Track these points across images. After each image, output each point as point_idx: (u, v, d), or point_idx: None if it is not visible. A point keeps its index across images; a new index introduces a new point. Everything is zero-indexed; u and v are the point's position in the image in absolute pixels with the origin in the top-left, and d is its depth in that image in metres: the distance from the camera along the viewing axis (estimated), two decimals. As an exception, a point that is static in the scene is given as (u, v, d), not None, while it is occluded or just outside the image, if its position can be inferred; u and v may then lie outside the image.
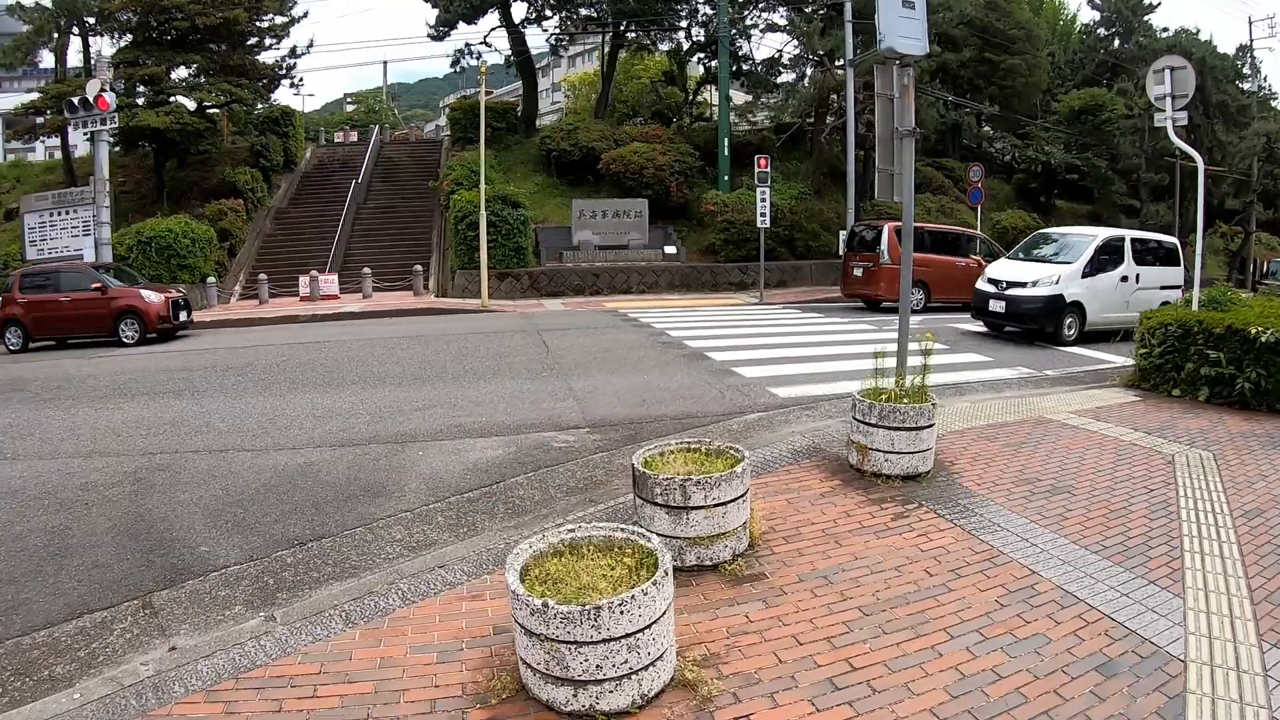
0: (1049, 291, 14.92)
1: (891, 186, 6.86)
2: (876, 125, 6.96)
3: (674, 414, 8.89)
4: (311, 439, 8.25)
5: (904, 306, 7.49)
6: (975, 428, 8.07)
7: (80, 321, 18.65)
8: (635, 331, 16.27)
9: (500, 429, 8.49)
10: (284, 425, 8.84)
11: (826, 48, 28.80)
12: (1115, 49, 46.75)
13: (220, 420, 9.18)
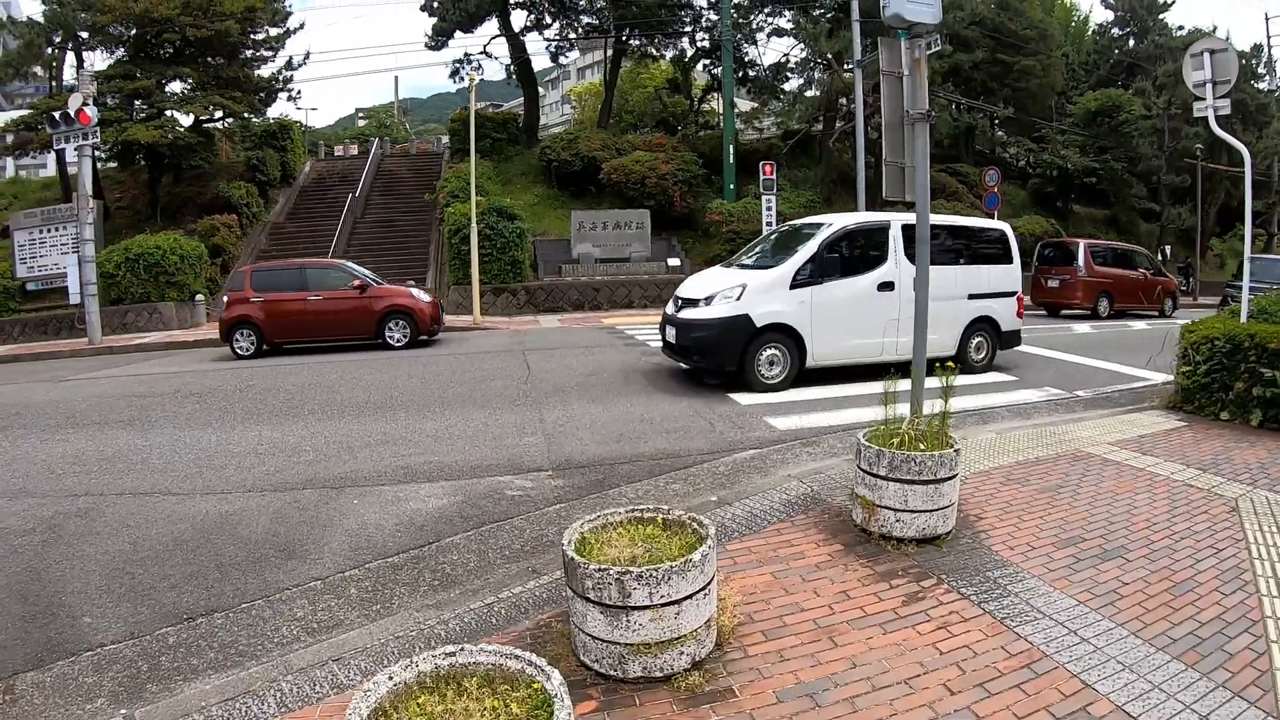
0: (726, 312, 10.42)
1: (902, 182, 5.75)
2: (883, 109, 5.86)
3: (653, 452, 7.75)
4: (244, 481, 7.37)
5: (920, 328, 6.28)
6: (1003, 466, 6.92)
7: (334, 323, 17.34)
8: (627, 351, 15.15)
9: (451, 471, 7.40)
10: (221, 463, 7.98)
11: (834, 49, 27.76)
12: (1130, 49, 45.75)
13: (157, 456, 8.36)
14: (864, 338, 11.08)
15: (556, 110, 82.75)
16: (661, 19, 34.98)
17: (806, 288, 10.64)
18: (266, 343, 17.03)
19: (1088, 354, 14.64)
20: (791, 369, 10.67)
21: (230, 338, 16.90)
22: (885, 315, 11.09)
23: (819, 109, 30.72)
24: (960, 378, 11.08)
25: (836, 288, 10.87)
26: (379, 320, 17.25)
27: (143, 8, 27.60)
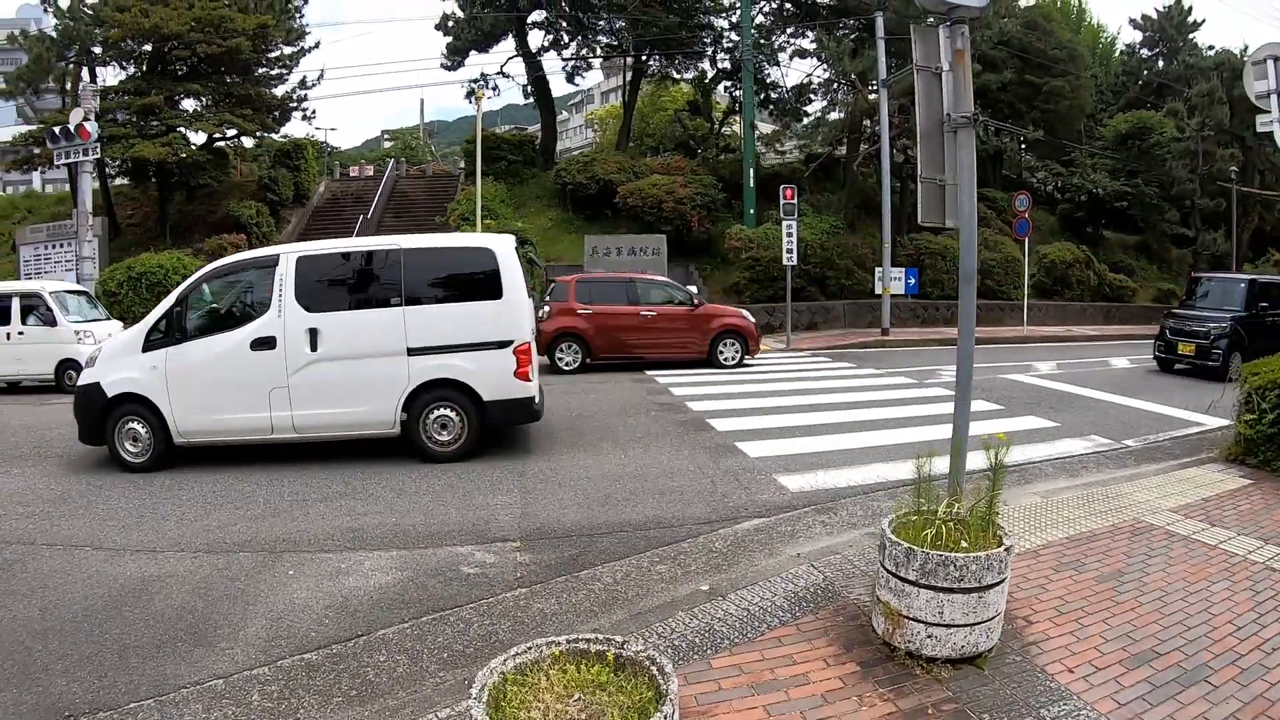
0: (83, 379, 9.30)
1: (941, 203, 4.70)
2: (918, 114, 4.84)
3: (641, 520, 6.69)
4: (181, 537, 6.64)
5: (964, 382, 5.19)
6: (1054, 544, 5.85)
7: (668, 340, 17.10)
8: (634, 388, 14.13)
9: (406, 538, 6.41)
10: (166, 512, 7.31)
11: (858, 69, 26.76)
12: (1160, 69, 44.79)
13: (104, 499, 7.75)
14: (241, 411, 8.81)
15: (579, 134, 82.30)
16: (681, 39, 34.10)
17: (161, 349, 8.81)
18: (591, 357, 16.68)
19: (1129, 393, 13.62)
20: (156, 447, 8.82)
21: (552, 351, 16.43)
22: (268, 382, 8.72)
23: (842, 131, 29.71)
24: (1002, 422, 10.06)
25: (196, 348, 8.85)
26: (713, 339, 17.14)
27: (153, 23, 27.13)
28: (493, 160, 33.91)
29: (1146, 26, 46.48)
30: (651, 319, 16.89)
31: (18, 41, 29.67)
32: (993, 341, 22.95)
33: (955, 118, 4.64)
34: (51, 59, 28.70)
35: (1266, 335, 15.85)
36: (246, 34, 28.60)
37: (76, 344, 16.00)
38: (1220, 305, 16.92)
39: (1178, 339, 16.86)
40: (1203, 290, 18.27)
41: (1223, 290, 17.69)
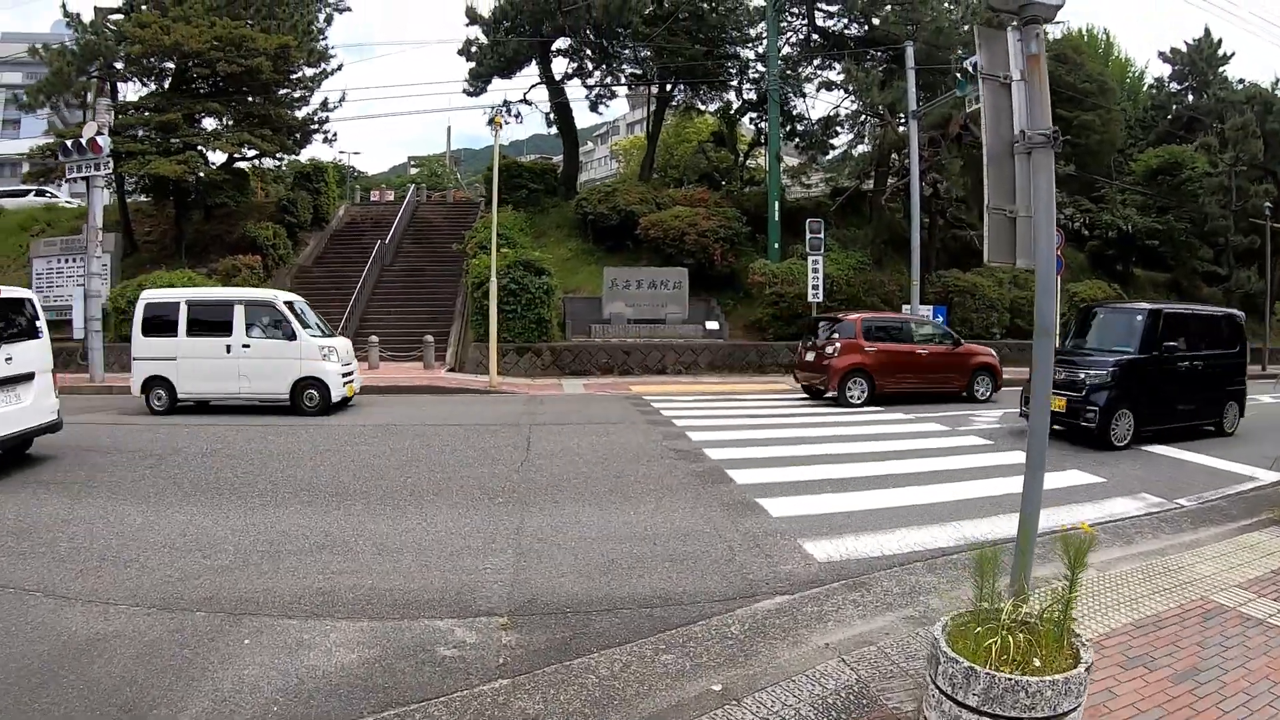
0: None
1: (1012, 238, 3.95)
2: (984, 134, 4.08)
3: (648, 593, 5.87)
4: (139, 588, 6.03)
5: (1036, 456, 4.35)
6: (1118, 632, 5.06)
7: (936, 376, 18.16)
8: (649, 430, 13.28)
9: (381, 605, 5.66)
10: (130, 557, 6.73)
11: (887, 101, 26.07)
12: (1190, 103, 44.04)
13: (68, 538, 7.29)
14: None
15: (604, 165, 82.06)
16: (707, 69, 33.59)
17: None
18: (874, 391, 17.27)
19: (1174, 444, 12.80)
20: None
21: (843, 385, 17.12)
22: None
23: (870, 164, 28.97)
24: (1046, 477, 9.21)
25: None
26: (971, 375, 18.45)
27: (174, 40, 26.86)
28: (514, 189, 33.47)
29: (1176, 60, 45.90)
30: (925, 356, 17.91)
31: (39, 55, 29.48)
32: (1024, 383, 22.13)
33: (1031, 136, 3.88)
34: (72, 73, 28.35)
35: (1177, 385, 12.98)
36: (268, 54, 28.24)
37: (321, 360, 15.37)
38: (1111, 345, 13.15)
39: None
40: (1095, 324, 14.26)
41: (1115, 324, 13.72)
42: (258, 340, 15.32)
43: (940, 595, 5.61)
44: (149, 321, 15.61)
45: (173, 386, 15.42)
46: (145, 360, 15.56)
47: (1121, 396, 12.27)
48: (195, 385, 15.49)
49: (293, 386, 15.24)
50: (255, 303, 15.63)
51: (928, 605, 5.44)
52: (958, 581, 5.89)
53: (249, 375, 15.28)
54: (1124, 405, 12.28)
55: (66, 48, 29.14)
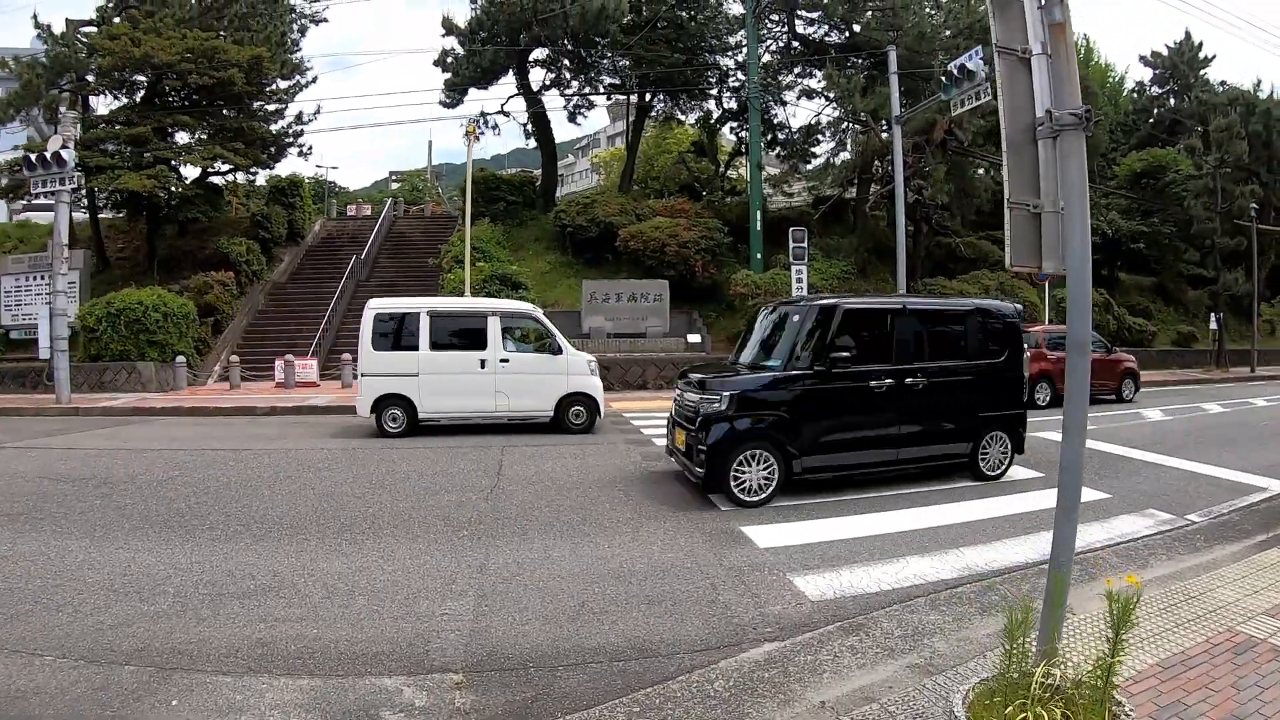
0: None
1: (1038, 238, 3.41)
2: (1002, 116, 3.54)
3: (620, 642, 5.26)
4: (68, 636, 5.50)
5: (1070, 494, 3.73)
6: (1144, 674, 4.51)
7: (1098, 380, 19.83)
8: (627, 451, 12.66)
9: (323, 659, 5.07)
10: (62, 600, 6.19)
11: (869, 107, 25.65)
12: (1172, 106, 44.05)
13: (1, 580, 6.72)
14: None
15: (585, 178, 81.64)
16: (686, 78, 33.22)
17: None
18: (1056, 393, 19.38)
19: (1174, 452, 12.34)
20: None
21: (1032, 391, 18.87)
22: None
23: (853, 172, 28.58)
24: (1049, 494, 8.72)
25: None
26: (1120, 378, 21.24)
27: (144, 52, 26.40)
28: (492, 201, 33.04)
29: (1157, 63, 45.94)
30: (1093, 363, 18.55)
31: (8, 66, 28.84)
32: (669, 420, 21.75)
33: (1059, 117, 3.33)
34: (41, 86, 27.77)
35: (847, 412, 9.43)
36: (240, 66, 27.79)
37: (589, 375, 14.80)
38: (769, 357, 9.78)
39: (678, 420, 9.98)
40: (759, 327, 10.76)
41: (779, 327, 10.14)
42: (517, 354, 14.63)
43: (946, 637, 5.07)
44: (380, 334, 14.50)
45: (413, 405, 14.46)
46: (377, 377, 14.43)
47: (751, 432, 8.96)
48: (441, 403, 14.53)
49: (558, 403, 14.65)
50: (512, 314, 14.93)
51: (934, 650, 4.87)
52: (964, 620, 5.36)
53: (508, 392, 14.47)
54: (756, 444, 8.93)
55: (36, 60, 28.56)
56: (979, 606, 5.60)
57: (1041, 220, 3.43)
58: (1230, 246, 35.55)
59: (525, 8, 29.85)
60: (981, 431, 10.16)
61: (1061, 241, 3.38)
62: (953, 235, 29.83)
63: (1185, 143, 38.17)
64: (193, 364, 24.49)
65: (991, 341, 10.43)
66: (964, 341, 10.32)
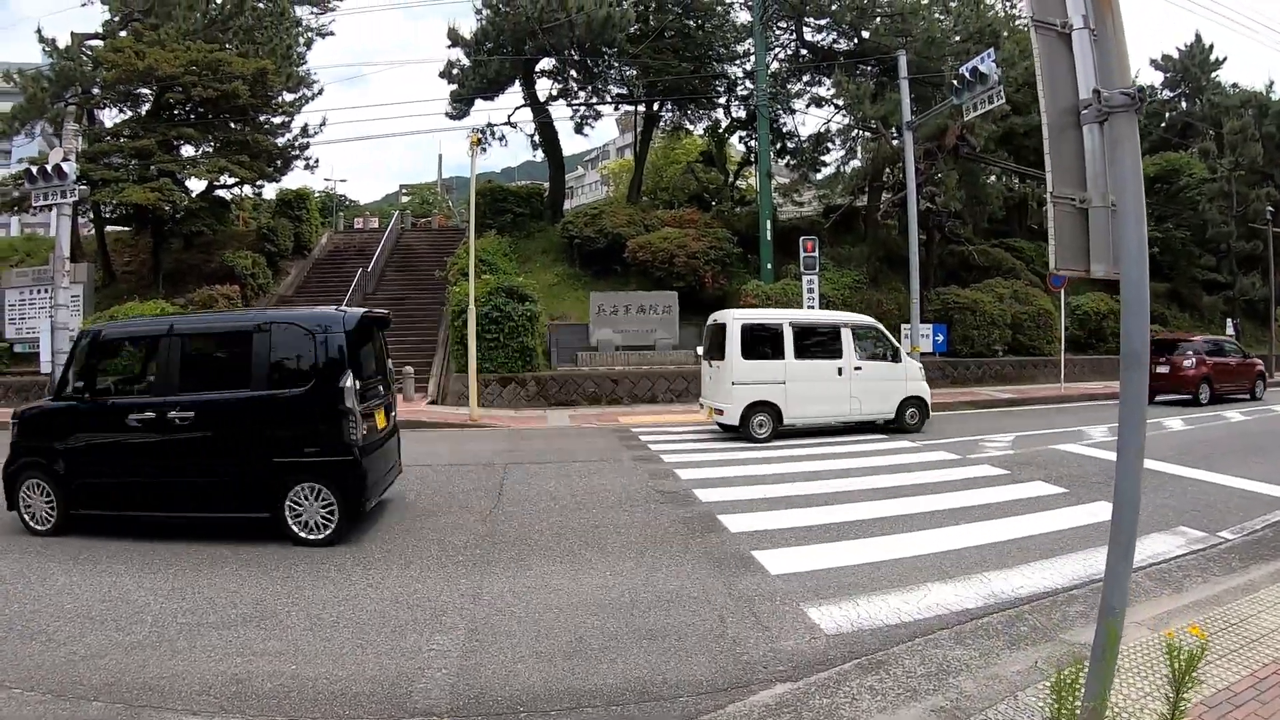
0: None
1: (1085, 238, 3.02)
2: (1042, 97, 3.14)
3: (618, 683, 4.85)
4: (41, 665, 5.27)
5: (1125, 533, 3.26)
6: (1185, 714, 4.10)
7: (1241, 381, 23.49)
8: (633, 469, 12.21)
9: (298, 699, 4.72)
10: (39, 627, 5.96)
11: (879, 114, 25.21)
12: (1184, 110, 43.58)
13: None
14: None
15: (595, 190, 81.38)
16: (695, 88, 32.87)
17: None
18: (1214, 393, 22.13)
19: (1198, 464, 11.86)
20: None
21: (1196, 389, 21.78)
22: None
23: (864, 180, 28.11)
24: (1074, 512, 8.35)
25: None
26: (1254, 379, 23.90)
27: (147, 65, 26.15)
28: (499, 213, 32.74)
29: (1168, 67, 45.50)
30: (1234, 365, 23.50)
31: (13, 80, 28.77)
32: (1031, 402, 21.28)
33: (1108, 97, 2.94)
34: (46, 99, 27.56)
35: (114, 452, 8.48)
36: (245, 78, 27.50)
37: (921, 380, 16.42)
38: None
39: None
40: None
41: None
42: (867, 362, 15.61)
43: (973, 675, 4.65)
44: (748, 344, 14.92)
45: (779, 412, 14.93)
46: (747, 385, 14.83)
47: (32, 463, 8.50)
48: (804, 409, 15.20)
49: (899, 406, 15.78)
50: (860, 325, 15.99)
51: (960, 691, 4.46)
52: (992, 655, 4.94)
53: (860, 397, 15.39)
54: (35, 475, 8.47)
55: (41, 73, 28.40)
56: (1007, 639, 5.18)
57: (1089, 216, 3.04)
58: (1246, 250, 35.09)
59: (530, 17, 29.52)
60: (286, 483, 8.00)
61: (1113, 241, 2.98)
62: (965, 243, 29.38)
63: (1198, 146, 37.73)
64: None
65: (298, 365, 8.35)
66: (252, 367, 8.26)
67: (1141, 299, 2.92)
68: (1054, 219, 3.05)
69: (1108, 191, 3.02)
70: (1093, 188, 3.05)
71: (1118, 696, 4.12)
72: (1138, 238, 2.92)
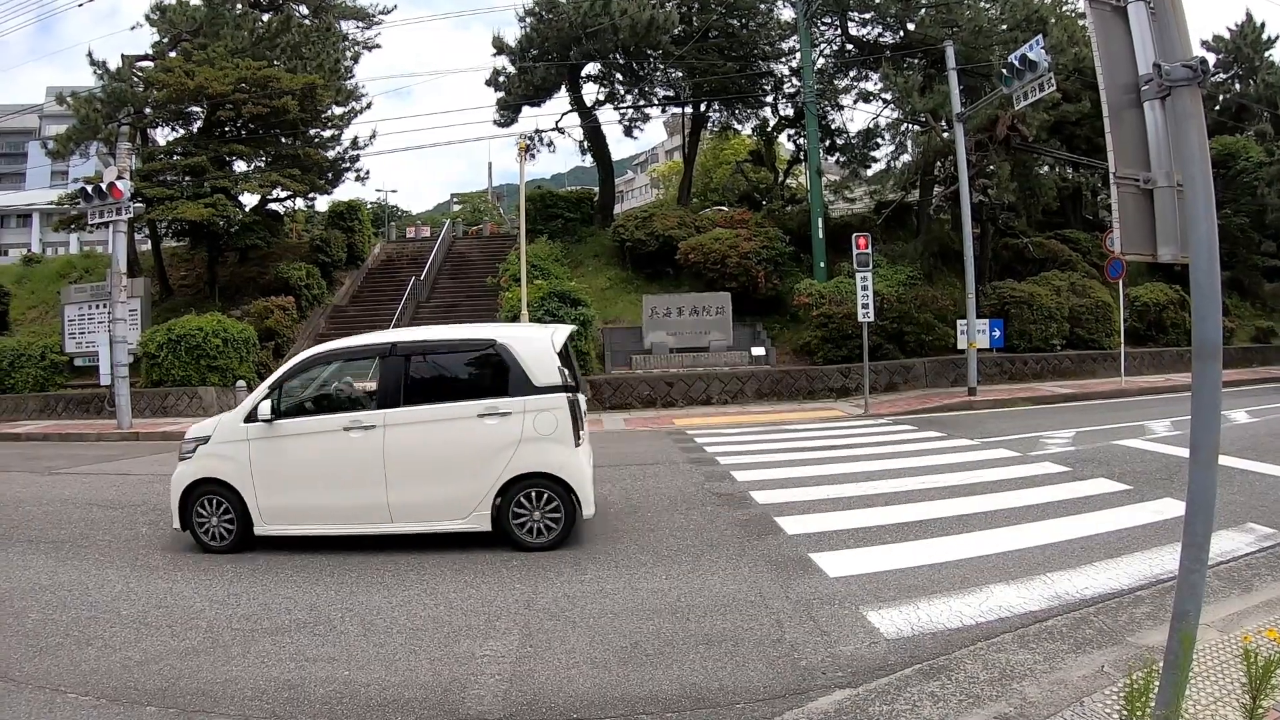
0: None
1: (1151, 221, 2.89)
2: (1101, 79, 3.03)
3: (674, 689, 4.77)
4: (97, 670, 5.40)
5: (1198, 528, 3.13)
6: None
7: None
8: (689, 472, 12.07)
9: (353, 705, 4.74)
10: (95, 631, 6.13)
11: (928, 106, 24.78)
12: (1238, 91, 42.37)
13: (40, 605, 6.84)
14: None
15: (645, 194, 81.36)
16: (741, 86, 32.66)
17: None
18: None
19: (1266, 457, 11.29)
20: None
21: None
22: None
23: (915, 174, 27.61)
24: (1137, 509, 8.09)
25: None
26: None
27: (197, 84, 26.73)
28: (549, 218, 32.90)
29: (1219, 48, 44.16)
30: None
31: (66, 103, 29.53)
32: (1090, 397, 20.71)
33: (1169, 71, 2.81)
34: (99, 120, 28.27)
35: None
36: (294, 94, 27.95)
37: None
38: None
39: None
40: None
41: None
42: None
43: (1037, 680, 4.48)
44: None
45: None
46: None
47: None
48: None
49: None
50: None
51: (1024, 697, 4.31)
52: (1056, 659, 4.77)
53: None
54: None
55: (94, 95, 29.12)
56: (1072, 643, 4.99)
57: (1154, 198, 2.90)
58: (1311, 235, 33.99)
59: (574, 23, 29.60)
60: None
61: (1181, 223, 2.84)
62: (1020, 236, 28.74)
63: (1254, 129, 36.59)
64: (253, 387, 24.62)
65: None
66: None
67: (1213, 284, 2.77)
68: (1118, 201, 2.91)
69: (1172, 171, 2.87)
70: (1156, 167, 2.91)
71: (1187, 702, 3.95)
72: (1207, 218, 2.77)
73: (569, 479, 7.85)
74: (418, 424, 7.97)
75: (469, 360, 8.59)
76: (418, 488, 7.87)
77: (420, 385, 8.26)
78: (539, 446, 7.84)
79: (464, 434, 7.91)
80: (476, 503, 7.84)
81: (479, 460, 7.85)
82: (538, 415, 7.85)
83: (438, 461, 7.92)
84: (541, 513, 7.88)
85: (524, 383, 7.89)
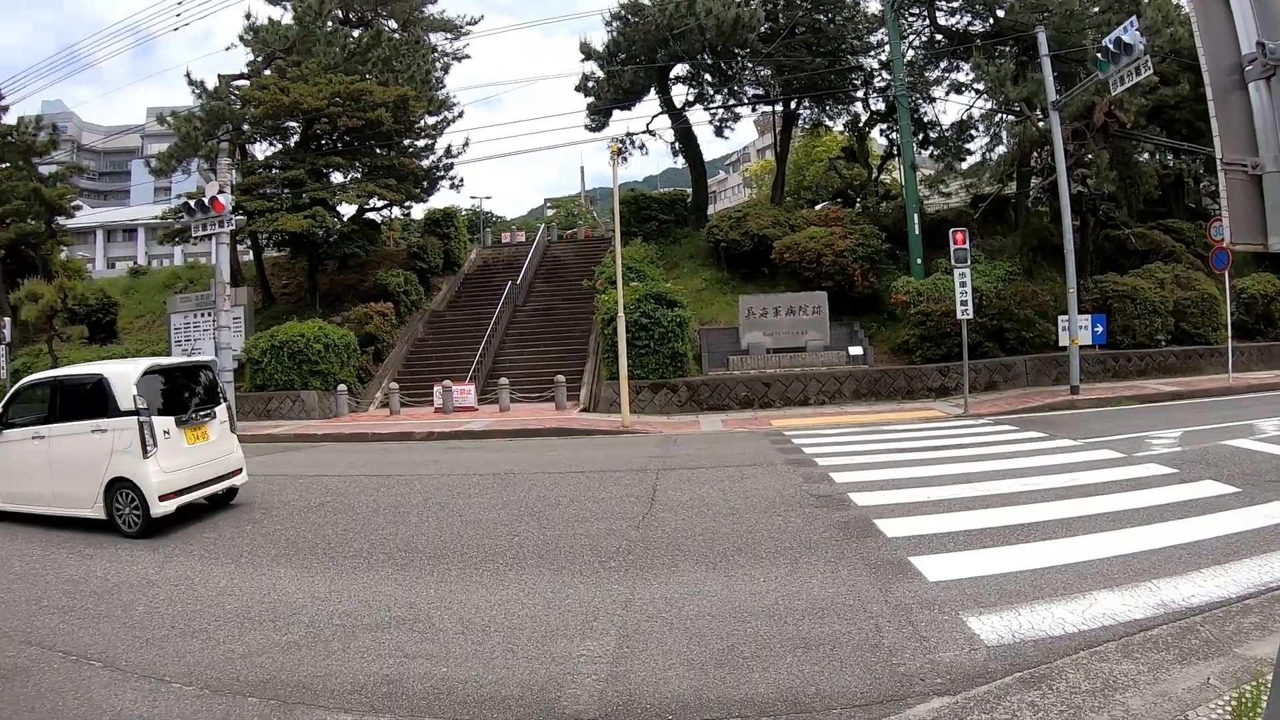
0: None
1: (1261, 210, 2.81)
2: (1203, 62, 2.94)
3: (770, 693, 4.77)
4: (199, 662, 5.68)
5: None
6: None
7: None
8: (786, 474, 11.95)
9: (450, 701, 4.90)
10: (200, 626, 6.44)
11: (1022, 95, 24.09)
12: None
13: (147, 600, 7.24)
14: None
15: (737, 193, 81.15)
16: (831, 82, 32.33)
17: None
18: None
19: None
20: None
21: None
22: None
23: (1011, 166, 26.81)
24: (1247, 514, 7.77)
25: None
26: None
27: (292, 100, 27.72)
28: (643, 220, 33.12)
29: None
30: None
31: (165, 122, 30.83)
32: (1196, 394, 19.86)
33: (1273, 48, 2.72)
34: (199, 138, 29.50)
35: None
36: (387, 106, 28.79)
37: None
38: None
39: None
40: None
41: None
42: None
43: (1141, 692, 4.36)
44: None
45: None
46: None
47: None
48: None
49: None
50: None
51: (1127, 709, 4.20)
52: (1161, 670, 4.64)
53: None
54: None
55: (193, 114, 30.41)
56: (1177, 653, 4.84)
57: (1264, 184, 2.81)
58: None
59: (660, 25, 29.68)
60: None
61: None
62: (1121, 227, 27.63)
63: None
64: (355, 391, 25.37)
65: None
66: None
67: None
68: (1225, 189, 2.80)
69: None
70: (1264, 151, 2.79)
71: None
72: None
73: (139, 484, 9.61)
74: (65, 436, 10.18)
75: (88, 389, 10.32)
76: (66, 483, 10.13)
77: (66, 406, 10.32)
78: (124, 457, 9.69)
79: (85, 444, 9.96)
80: (94, 498, 9.87)
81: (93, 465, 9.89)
82: (121, 433, 9.73)
83: (76, 464, 10.03)
84: (129, 509, 9.74)
85: (115, 407, 9.80)
